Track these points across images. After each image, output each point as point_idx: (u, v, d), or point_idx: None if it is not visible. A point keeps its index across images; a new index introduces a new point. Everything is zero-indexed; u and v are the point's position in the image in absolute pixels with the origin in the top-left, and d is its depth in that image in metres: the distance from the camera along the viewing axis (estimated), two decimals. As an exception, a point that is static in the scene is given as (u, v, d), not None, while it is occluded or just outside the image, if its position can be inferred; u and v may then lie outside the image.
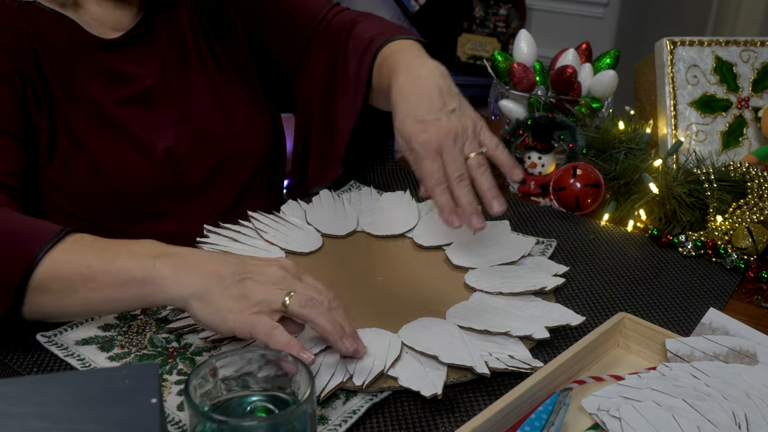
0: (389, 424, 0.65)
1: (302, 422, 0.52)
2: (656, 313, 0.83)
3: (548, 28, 2.83)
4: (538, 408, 0.62)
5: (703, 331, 0.76)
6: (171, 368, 0.71)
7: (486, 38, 2.78)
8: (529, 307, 0.80)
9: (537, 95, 1.16)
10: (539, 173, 1.10)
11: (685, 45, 1.15)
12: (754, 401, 0.63)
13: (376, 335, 0.74)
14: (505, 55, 1.20)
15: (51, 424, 0.43)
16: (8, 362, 0.71)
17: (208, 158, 0.98)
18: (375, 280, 0.86)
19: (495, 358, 0.71)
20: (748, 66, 1.17)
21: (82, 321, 0.77)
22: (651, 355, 0.73)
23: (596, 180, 1.04)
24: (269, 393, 0.57)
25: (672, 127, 1.14)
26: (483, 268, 0.88)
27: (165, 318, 0.78)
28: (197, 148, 0.97)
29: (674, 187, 1.01)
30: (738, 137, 1.16)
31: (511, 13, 2.80)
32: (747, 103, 1.16)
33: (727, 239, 0.96)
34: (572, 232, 1.00)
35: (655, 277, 0.90)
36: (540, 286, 0.83)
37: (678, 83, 1.14)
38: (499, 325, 0.75)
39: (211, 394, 0.56)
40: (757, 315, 0.84)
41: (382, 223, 0.97)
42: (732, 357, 0.69)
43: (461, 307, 0.80)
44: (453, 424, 0.65)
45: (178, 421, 0.64)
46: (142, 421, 0.44)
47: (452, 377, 0.69)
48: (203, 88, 1.00)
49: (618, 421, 0.62)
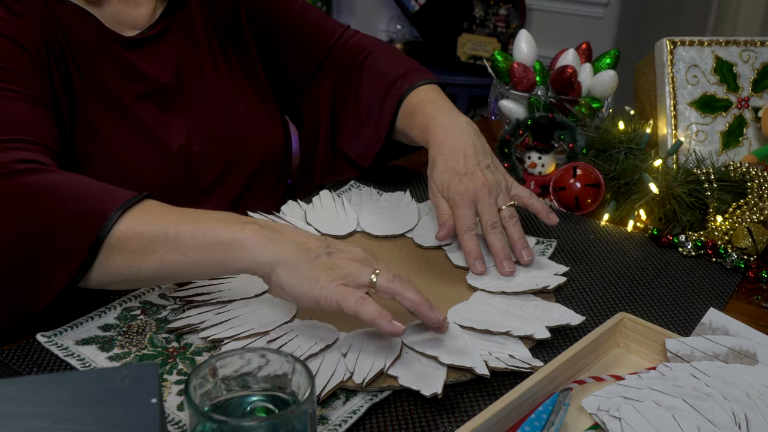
0: (389, 424, 0.65)
1: (302, 422, 0.52)
2: (656, 313, 0.83)
3: (548, 28, 2.83)
4: (538, 408, 0.62)
5: (703, 331, 0.76)
6: (171, 368, 0.71)
7: (486, 38, 2.78)
8: (529, 306, 0.80)
9: (537, 95, 1.16)
10: (539, 173, 1.10)
11: (685, 45, 1.15)
12: (754, 401, 0.63)
13: (377, 335, 0.74)
14: (505, 55, 1.20)
15: (51, 424, 0.43)
16: (8, 362, 0.71)
17: (220, 157, 1.00)
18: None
19: (495, 357, 0.71)
20: (748, 66, 1.17)
21: (82, 321, 0.77)
22: (651, 355, 0.73)
23: (596, 180, 1.04)
24: (269, 393, 0.57)
25: (672, 127, 1.14)
26: None
27: (165, 318, 0.78)
28: (210, 147, 0.99)
29: (674, 187, 1.01)
30: (738, 137, 1.16)
31: (511, 13, 2.80)
32: (747, 103, 1.16)
33: (727, 239, 0.96)
34: (572, 232, 1.00)
35: (655, 277, 0.90)
36: (542, 284, 0.83)
37: (678, 83, 1.14)
38: (499, 324, 0.75)
39: (211, 394, 0.56)
40: (757, 315, 0.84)
41: (382, 224, 0.97)
42: (732, 357, 0.69)
43: (462, 307, 0.80)
44: (453, 424, 0.65)
45: (178, 421, 0.64)
46: (142, 421, 0.43)
47: (452, 377, 0.69)
48: (216, 88, 1.02)
49: (618, 421, 0.62)
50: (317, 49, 1.09)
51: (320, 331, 0.74)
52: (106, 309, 0.79)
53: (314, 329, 0.75)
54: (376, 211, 1.01)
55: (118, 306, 0.80)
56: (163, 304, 0.81)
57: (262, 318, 0.76)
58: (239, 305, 0.79)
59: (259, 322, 0.75)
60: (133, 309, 0.80)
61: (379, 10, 3.22)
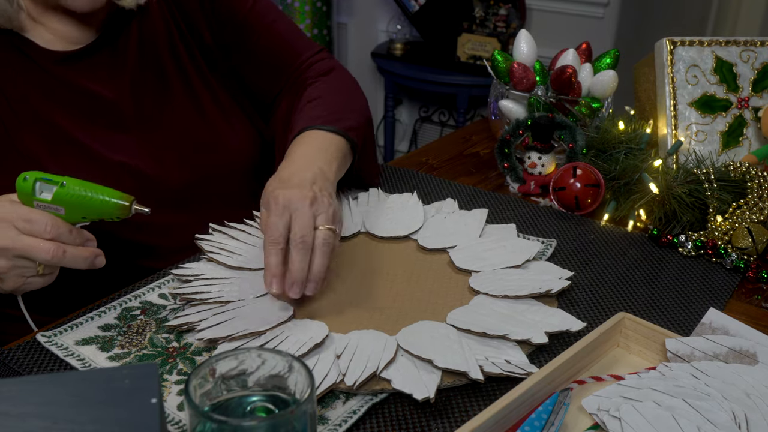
0: (389, 425, 0.66)
1: (302, 422, 0.52)
2: (656, 313, 0.83)
3: (548, 28, 2.83)
4: (538, 408, 0.62)
5: (703, 331, 0.76)
6: (171, 368, 0.71)
7: (486, 38, 2.78)
8: (530, 311, 0.79)
9: (537, 95, 1.16)
10: (539, 173, 1.10)
11: (685, 45, 1.15)
12: (754, 401, 0.63)
13: (373, 337, 0.74)
14: (505, 55, 1.20)
15: (51, 424, 0.43)
16: (8, 362, 0.71)
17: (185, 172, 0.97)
18: (377, 282, 0.86)
19: (491, 362, 0.70)
20: (748, 66, 1.17)
21: (82, 321, 0.77)
22: (651, 355, 0.73)
23: (596, 180, 1.04)
24: (269, 393, 0.57)
25: (672, 127, 1.14)
26: (487, 272, 0.87)
27: (165, 318, 0.78)
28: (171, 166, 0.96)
29: (674, 187, 1.01)
30: (738, 137, 1.16)
31: (511, 13, 2.80)
32: (747, 103, 1.16)
33: (727, 239, 0.96)
34: (572, 232, 1.00)
35: (655, 277, 0.90)
36: (546, 288, 0.81)
37: (678, 83, 1.14)
38: (497, 328, 0.74)
39: (211, 394, 0.56)
40: (757, 315, 0.84)
41: (387, 225, 0.97)
42: (732, 357, 0.69)
43: (462, 311, 0.79)
44: (453, 424, 0.65)
45: (178, 421, 0.64)
46: (142, 421, 0.43)
47: (446, 381, 0.69)
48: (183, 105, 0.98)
49: (618, 421, 0.62)
50: (279, 74, 1.05)
51: (312, 330, 0.74)
52: (106, 309, 0.79)
53: (306, 329, 0.75)
54: (382, 212, 1.00)
55: (118, 306, 0.80)
56: (163, 304, 0.81)
57: (259, 318, 0.76)
58: (238, 305, 0.79)
59: (255, 322, 0.75)
60: (133, 309, 0.80)
61: (379, 10, 3.22)
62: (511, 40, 2.71)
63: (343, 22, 3.34)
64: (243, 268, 0.86)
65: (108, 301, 0.81)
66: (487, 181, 1.17)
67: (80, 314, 0.78)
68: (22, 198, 0.74)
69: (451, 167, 1.22)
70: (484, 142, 1.33)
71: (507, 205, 1.06)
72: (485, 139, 1.34)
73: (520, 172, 1.11)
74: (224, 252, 0.88)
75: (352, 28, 3.34)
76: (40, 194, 0.74)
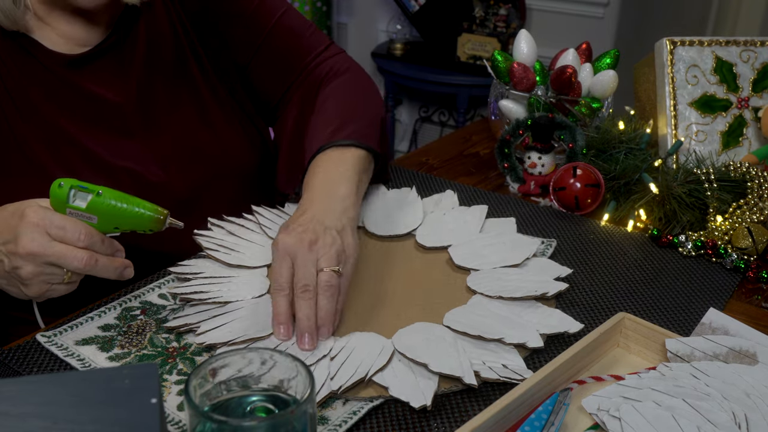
0: (389, 425, 0.66)
1: (302, 422, 0.52)
2: (656, 313, 0.83)
3: (548, 28, 2.83)
4: (538, 408, 0.62)
5: (703, 331, 0.76)
6: (171, 368, 0.71)
7: (486, 38, 2.78)
8: (528, 312, 0.78)
9: (537, 95, 1.16)
10: (539, 173, 1.10)
11: (685, 45, 1.15)
12: (754, 401, 0.63)
13: (370, 341, 0.73)
14: (505, 55, 1.20)
15: (51, 424, 0.43)
16: (8, 362, 0.71)
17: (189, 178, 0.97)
18: (375, 281, 0.86)
19: (488, 367, 0.70)
20: (748, 66, 1.16)
21: (82, 321, 0.77)
22: (651, 355, 0.73)
23: (596, 180, 1.04)
24: (269, 393, 0.57)
25: (672, 127, 1.14)
26: (485, 270, 0.87)
27: (165, 318, 0.78)
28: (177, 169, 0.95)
29: (674, 187, 1.01)
30: (738, 137, 1.16)
31: (511, 13, 2.80)
32: (747, 103, 1.16)
33: (727, 239, 0.96)
34: (572, 232, 1.00)
35: (655, 277, 0.90)
36: (542, 291, 0.81)
37: (678, 83, 1.14)
38: (493, 331, 0.74)
39: (211, 394, 0.56)
40: (757, 315, 0.84)
41: (386, 223, 0.97)
42: (732, 357, 0.69)
43: (459, 312, 0.79)
44: (453, 424, 0.65)
45: (178, 421, 0.64)
46: (142, 421, 0.43)
47: (444, 386, 0.68)
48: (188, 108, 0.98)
49: (618, 421, 0.62)
50: (288, 71, 1.04)
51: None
52: (106, 309, 0.79)
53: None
54: (381, 209, 1.00)
55: (118, 306, 0.80)
56: (163, 304, 0.81)
57: (259, 322, 0.76)
58: (237, 306, 0.78)
59: (255, 326, 0.75)
60: (133, 309, 0.80)
61: (379, 10, 3.22)
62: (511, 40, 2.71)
63: (343, 22, 3.34)
64: (241, 266, 0.85)
65: (108, 301, 0.81)
66: (487, 181, 1.17)
67: (80, 314, 0.78)
68: (54, 204, 0.73)
69: (451, 167, 1.22)
70: (484, 142, 1.33)
71: (507, 205, 1.06)
72: (485, 139, 1.34)
73: (520, 172, 1.11)
74: (222, 249, 0.87)
75: (352, 28, 3.34)
76: (73, 202, 0.73)
